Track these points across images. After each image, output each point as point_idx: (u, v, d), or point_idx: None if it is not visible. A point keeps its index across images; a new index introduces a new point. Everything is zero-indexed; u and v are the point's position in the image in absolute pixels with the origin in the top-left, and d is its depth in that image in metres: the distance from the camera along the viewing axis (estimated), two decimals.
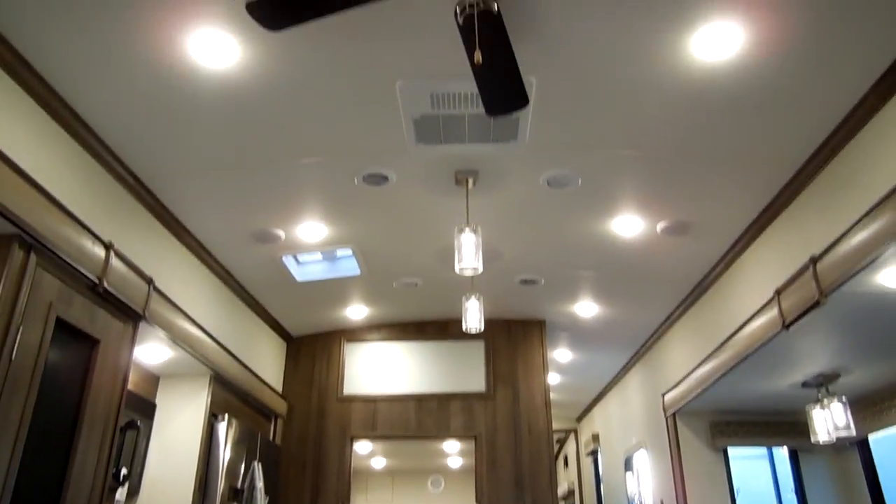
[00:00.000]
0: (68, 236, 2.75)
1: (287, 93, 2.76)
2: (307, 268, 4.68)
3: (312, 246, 4.20)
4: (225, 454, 4.21)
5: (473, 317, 4.10)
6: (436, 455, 9.69)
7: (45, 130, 2.70)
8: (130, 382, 3.30)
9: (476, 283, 4.31)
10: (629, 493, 6.85)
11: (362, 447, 8.43)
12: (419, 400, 5.66)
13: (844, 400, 4.52)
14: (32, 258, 2.55)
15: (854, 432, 4.50)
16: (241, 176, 3.38)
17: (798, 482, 5.63)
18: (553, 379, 7.27)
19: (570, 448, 9.89)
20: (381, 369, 5.80)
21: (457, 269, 3.19)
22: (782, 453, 5.89)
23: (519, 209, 3.79)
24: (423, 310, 5.59)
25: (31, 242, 2.54)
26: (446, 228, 3.56)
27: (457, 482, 10.57)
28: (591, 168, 3.35)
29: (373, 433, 5.61)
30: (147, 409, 3.91)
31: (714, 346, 4.42)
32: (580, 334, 5.99)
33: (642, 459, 6.39)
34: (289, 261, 4.42)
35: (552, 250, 4.32)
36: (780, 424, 5.52)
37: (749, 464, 6.17)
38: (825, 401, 4.59)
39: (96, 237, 2.95)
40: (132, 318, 3.26)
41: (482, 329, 4.02)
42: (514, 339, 5.85)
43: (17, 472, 2.40)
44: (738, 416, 5.48)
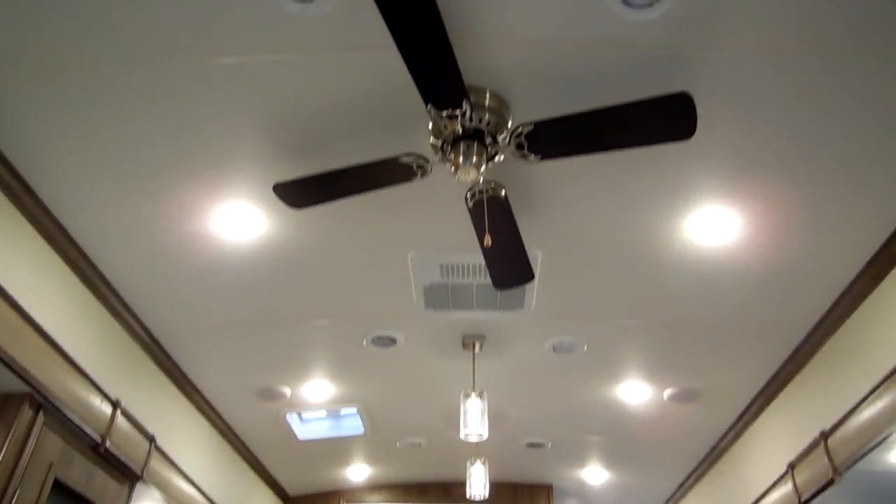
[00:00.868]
0: (78, 394, 2.77)
1: (304, 260, 2.89)
2: (310, 426, 4.62)
3: (318, 405, 4.18)
4: None
5: (479, 482, 4.00)
6: None
7: (69, 289, 2.80)
8: None
9: (481, 445, 4.22)
10: None
11: None
12: None
13: None
14: (40, 418, 2.56)
15: None
16: (252, 335, 3.44)
17: None
18: None
19: None
20: None
21: (462, 434, 3.16)
22: None
23: (525, 373, 3.80)
24: (426, 471, 5.42)
25: (41, 401, 2.56)
26: (452, 390, 3.57)
27: None
28: (597, 336, 3.40)
29: None
30: None
31: None
32: (590, 501, 5.75)
33: None
34: (292, 418, 4.37)
35: (559, 414, 4.27)
36: None
37: None
38: None
39: (105, 395, 2.97)
40: (129, 478, 3.19)
41: (487, 496, 3.90)
42: None
43: None
44: None
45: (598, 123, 1.91)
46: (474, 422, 3.12)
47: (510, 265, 2.50)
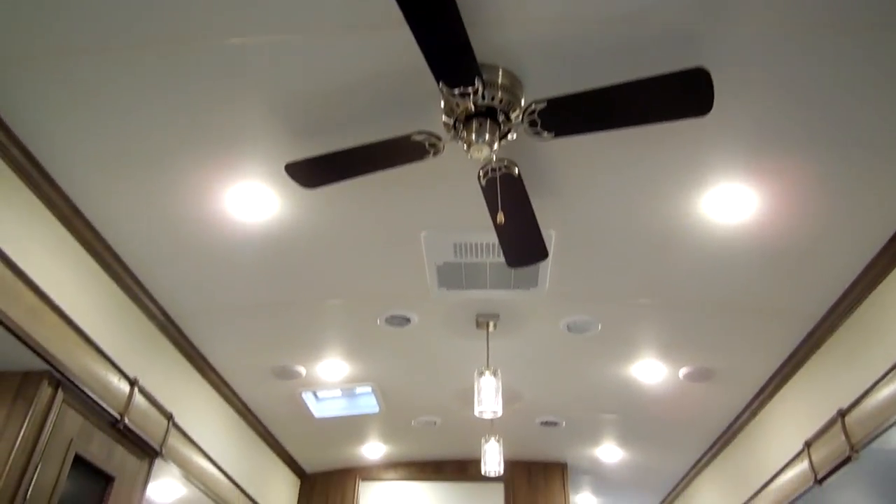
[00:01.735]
0: (96, 372, 2.81)
1: (319, 241, 2.90)
2: (326, 404, 4.66)
3: (333, 383, 4.21)
4: None
5: (493, 459, 4.02)
6: None
7: (86, 271, 2.84)
8: None
9: (496, 424, 4.25)
10: None
11: None
12: None
13: None
14: (59, 395, 2.60)
15: None
16: (267, 315, 3.47)
17: None
18: None
19: None
20: None
21: (476, 411, 3.17)
22: None
23: (539, 352, 3.80)
24: (441, 449, 5.46)
25: (60, 379, 2.60)
26: (467, 369, 3.57)
27: None
28: (611, 315, 3.39)
29: None
30: None
31: (744, 497, 4.23)
32: (604, 479, 5.78)
33: None
34: (308, 397, 4.41)
35: (573, 393, 4.28)
36: None
37: None
38: None
39: (122, 373, 3.01)
40: (149, 454, 3.24)
41: (502, 472, 3.93)
42: (534, 482, 5.65)
43: None
44: None
45: (613, 100, 1.88)
46: (488, 399, 3.13)
47: (524, 243, 2.48)
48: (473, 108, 2.00)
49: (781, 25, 1.90)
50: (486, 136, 2.00)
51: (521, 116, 2.01)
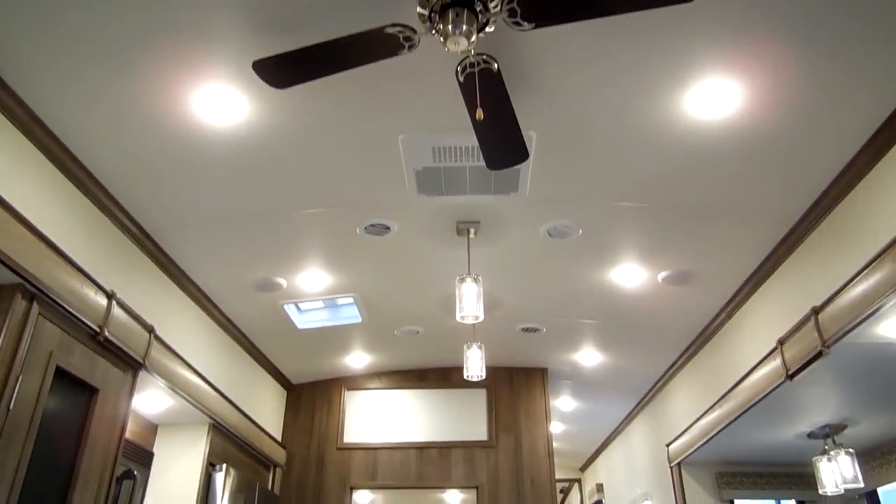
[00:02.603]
0: (71, 286, 2.77)
1: (292, 146, 2.81)
2: (308, 315, 4.68)
3: (314, 294, 4.21)
4: None
5: (475, 364, 4.09)
6: None
7: (52, 183, 2.74)
8: (128, 431, 3.27)
9: (477, 331, 4.31)
10: None
11: (362, 497, 8.26)
12: (420, 449, 5.58)
13: (852, 451, 4.44)
14: (35, 308, 2.56)
15: (862, 484, 4.41)
16: (244, 226, 3.41)
17: None
18: (556, 428, 7.18)
19: (574, 498, 9.69)
20: (381, 418, 5.74)
21: (458, 317, 3.19)
22: None
23: (520, 259, 3.80)
24: (424, 358, 5.56)
25: (34, 292, 2.55)
26: (448, 277, 3.58)
27: None
28: (591, 219, 3.37)
29: (373, 483, 5.52)
30: (145, 458, 3.86)
31: (718, 395, 4.38)
32: (583, 383, 5.94)
33: None
34: (290, 309, 4.42)
35: (553, 299, 4.32)
36: (788, 476, 5.42)
37: None
38: (832, 452, 4.51)
39: (99, 287, 2.96)
40: (132, 366, 3.25)
41: (484, 377, 4.01)
42: (516, 387, 5.81)
43: None
44: (745, 467, 5.39)
45: None
46: (470, 304, 3.14)
47: (504, 144, 2.42)
48: None
49: None
50: (464, 27, 1.90)
51: (499, 5, 1.91)
